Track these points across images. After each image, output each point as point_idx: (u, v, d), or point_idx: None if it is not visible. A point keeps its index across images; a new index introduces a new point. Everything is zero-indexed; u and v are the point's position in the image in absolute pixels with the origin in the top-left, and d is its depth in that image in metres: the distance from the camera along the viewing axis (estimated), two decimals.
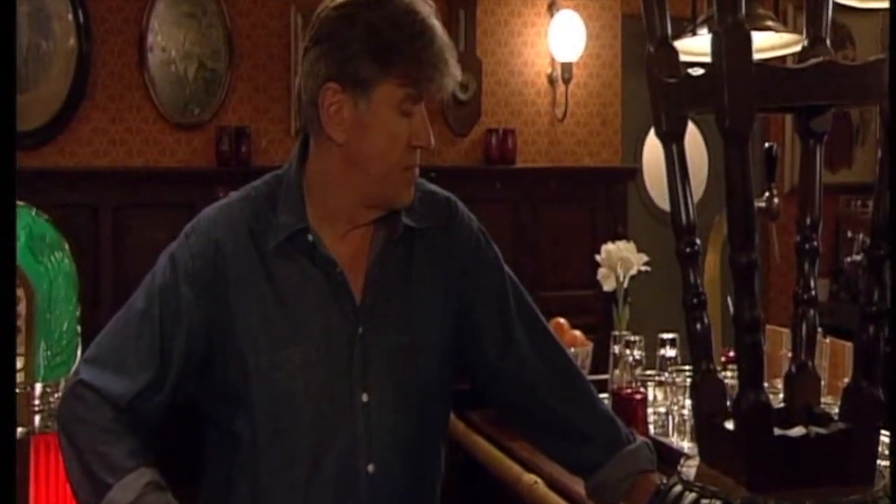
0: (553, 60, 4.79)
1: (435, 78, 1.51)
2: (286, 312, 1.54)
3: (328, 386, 1.54)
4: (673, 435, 2.15)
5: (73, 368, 1.57)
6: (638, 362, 2.36)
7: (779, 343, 2.39)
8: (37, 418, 2.26)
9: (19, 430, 2.21)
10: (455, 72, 1.53)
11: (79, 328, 2.43)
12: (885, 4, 1.30)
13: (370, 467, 1.55)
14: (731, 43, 1.02)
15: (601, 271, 2.65)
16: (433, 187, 1.71)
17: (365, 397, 1.55)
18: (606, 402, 2.36)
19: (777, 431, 1.09)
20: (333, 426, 1.54)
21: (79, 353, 2.42)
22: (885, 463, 1.15)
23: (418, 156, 1.56)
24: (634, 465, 1.62)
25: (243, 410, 1.54)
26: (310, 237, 1.56)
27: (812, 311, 1.21)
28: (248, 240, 1.55)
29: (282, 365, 1.53)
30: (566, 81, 4.76)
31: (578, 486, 1.76)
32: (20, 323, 2.31)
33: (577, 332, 2.55)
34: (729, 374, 2.04)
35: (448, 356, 1.65)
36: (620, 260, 2.63)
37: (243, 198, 1.61)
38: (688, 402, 2.08)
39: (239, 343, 1.52)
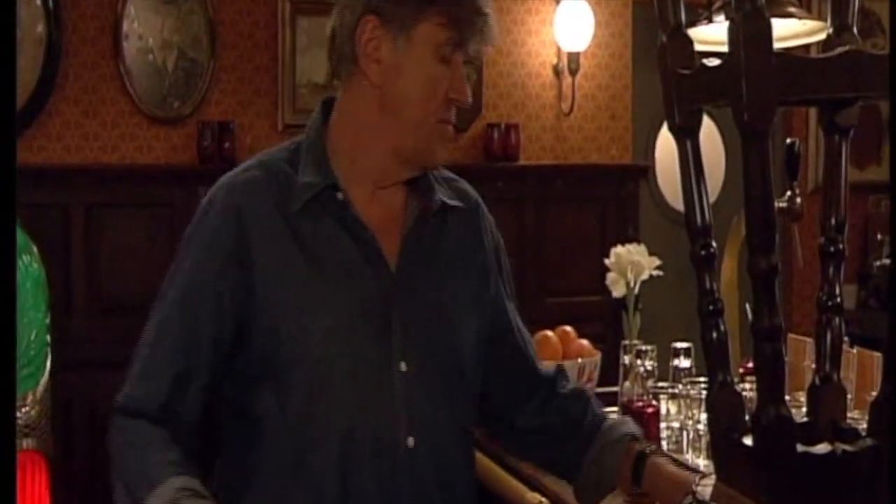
0: (559, 50, 4.79)
1: (476, 23, 1.58)
2: (317, 276, 1.57)
3: (365, 353, 1.58)
4: (687, 451, 2.15)
5: (114, 405, 1.61)
6: (650, 373, 2.35)
7: (802, 353, 2.39)
8: None
9: None
10: (494, 27, 1.60)
11: (48, 338, 2.42)
12: None
13: (410, 440, 1.58)
14: (750, 31, 1.02)
15: (610, 276, 2.66)
16: (461, 180, 1.80)
17: (403, 366, 1.59)
18: (616, 415, 2.37)
19: (800, 448, 1.09)
20: (370, 397, 1.57)
21: (48, 363, 2.42)
22: None
23: (454, 113, 1.62)
24: (625, 427, 1.71)
25: (274, 383, 1.56)
26: (339, 196, 1.60)
27: (837, 319, 1.21)
28: (270, 203, 1.59)
29: (315, 331, 1.55)
30: (573, 73, 4.76)
31: None
32: None
33: (585, 342, 2.55)
34: (747, 386, 2.04)
35: (482, 339, 1.71)
36: (631, 264, 2.63)
37: (260, 163, 1.65)
38: (703, 417, 2.08)
39: (269, 311, 1.55)
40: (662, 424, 2.21)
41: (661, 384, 2.34)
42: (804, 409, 1.23)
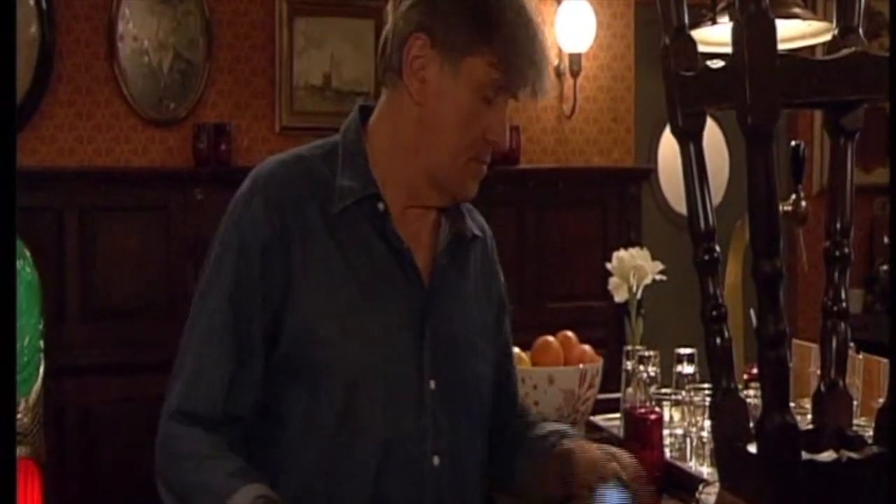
0: (560, 51, 4.79)
1: (526, 71, 1.55)
2: (354, 281, 1.57)
3: (401, 365, 1.58)
4: (691, 459, 2.15)
5: (164, 408, 1.57)
6: (653, 380, 2.35)
7: (807, 359, 2.39)
8: None
9: None
10: (545, 82, 1.58)
11: (41, 343, 2.42)
12: None
13: (435, 459, 1.59)
14: (754, 32, 1.02)
15: (612, 281, 2.65)
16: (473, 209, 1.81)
17: (433, 384, 1.59)
18: (618, 422, 2.37)
19: (805, 456, 1.09)
20: (403, 412, 1.57)
21: (41, 369, 2.42)
22: None
23: (490, 153, 1.62)
24: (552, 426, 1.74)
25: (305, 386, 1.54)
26: (380, 205, 1.60)
27: (843, 325, 1.21)
28: (311, 200, 1.58)
29: (355, 334, 1.55)
30: (574, 74, 4.77)
31: None
32: None
33: (587, 347, 2.55)
34: (752, 392, 2.04)
35: (493, 371, 1.72)
36: (633, 268, 2.62)
37: (299, 157, 1.64)
38: (707, 424, 2.07)
39: (303, 309, 1.54)
40: (665, 431, 2.21)
41: (664, 390, 2.33)
42: (809, 416, 1.23)
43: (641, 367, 2.36)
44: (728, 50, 1.05)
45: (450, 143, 1.58)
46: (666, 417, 2.25)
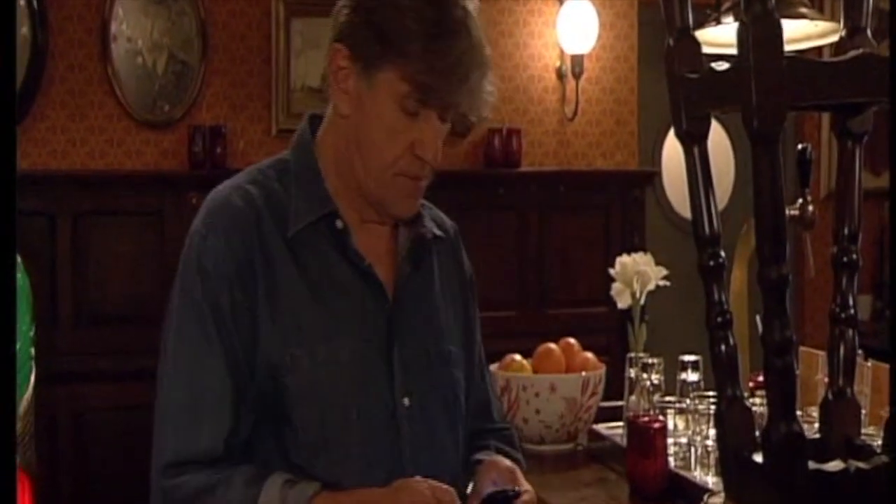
0: (562, 53, 4.80)
1: (443, 92, 1.48)
2: (320, 303, 1.54)
3: (373, 388, 1.56)
4: (695, 468, 2.15)
5: (154, 466, 1.53)
6: (656, 387, 2.35)
7: (814, 367, 2.39)
8: None
9: None
10: (478, 95, 1.50)
11: (33, 351, 2.42)
12: None
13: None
14: (760, 33, 1.02)
15: (615, 286, 2.65)
16: (432, 205, 1.76)
17: (407, 401, 1.58)
18: (621, 430, 2.37)
19: (812, 465, 1.09)
20: (378, 434, 1.55)
21: (32, 377, 2.41)
22: None
23: (424, 169, 1.55)
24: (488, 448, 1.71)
25: (280, 424, 1.52)
26: (339, 223, 1.57)
27: (851, 332, 1.20)
28: (270, 224, 1.55)
29: (324, 362, 1.52)
30: (577, 76, 4.77)
31: None
32: None
33: (589, 354, 2.55)
34: (758, 401, 2.04)
35: (469, 376, 1.71)
36: (637, 274, 2.62)
37: (252, 179, 1.60)
38: (712, 432, 2.07)
39: (270, 341, 1.51)
40: (669, 440, 2.21)
41: (668, 398, 2.33)
42: (816, 425, 1.23)
43: (645, 375, 2.36)
44: (733, 51, 1.05)
45: (375, 158, 1.53)
46: (670, 426, 2.25)
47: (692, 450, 2.17)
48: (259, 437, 1.54)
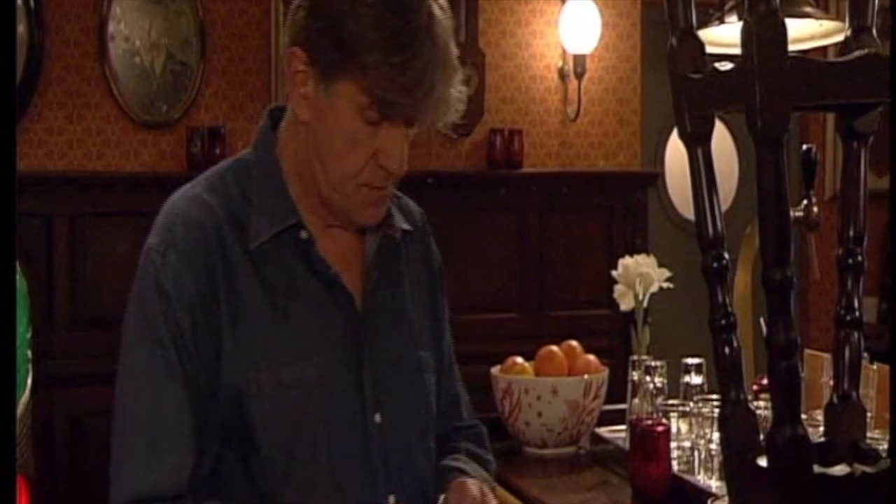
0: (564, 53, 4.80)
1: (406, 105, 1.41)
2: (285, 321, 1.49)
3: (340, 407, 1.50)
4: (699, 472, 2.14)
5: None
6: (659, 390, 2.35)
7: (819, 370, 2.39)
8: None
9: None
10: (444, 104, 1.43)
11: (30, 353, 2.42)
12: None
13: (391, 499, 1.53)
14: (764, 33, 1.02)
15: (618, 288, 2.65)
16: (400, 193, 1.69)
17: (378, 418, 1.53)
18: (624, 434, 2.37)
19: (817, 469, 1.09)
20: (348, 454, 1.50)
21: (29, 381, 2.42)
22: None
23: (386, 179, 1.49)
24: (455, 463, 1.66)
25: (246, 451, 1.47)
26: (303, 234, 1.51)
27: (856, 334, 1.20)
28: (231, 238, 1.48)
29: (290, 384, 1.46)
30: (579, 76, 4.77)
31: None
32: None
33: (591, 357, 2.55)
34: (762, 404, 2.04)
35: (439, 374, 1.67)
36: (639, 276, 2.62)
37: (209, 189, 1.54)
38: (716, 436, 2.07)
39: (235, 363, 1.46)
40: (673, 444, 2.21)
41: (671, 402, 2.33)
42: (821, 429, 1.23)
43: (648, 378, 2.36)
44: (737, 51, 1.05)
45: (336, 168, 1.46)
46: (673, 429, 2.25)
47: (695, 453, 2.17)
48: (224, 465, 1.48)
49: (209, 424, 1.46)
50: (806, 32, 2.08)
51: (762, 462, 1.11)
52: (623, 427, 2.43)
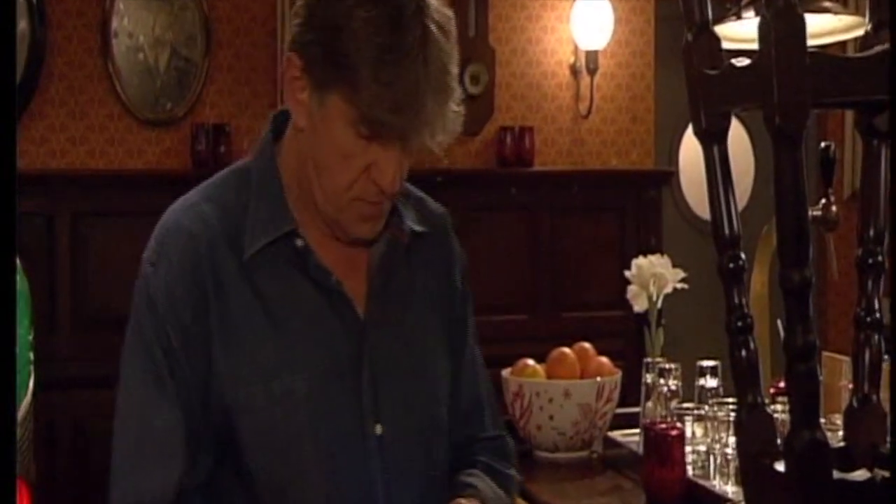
0: (576, 48, 4.80)
1: (394, 125, 1.38)
2: (278, 333, 1.48)
3: (335, 419, 1.49)
4: (714, 477, 2.14)
5: None
6: (674, 394, 2.35)
7: (838, 372, 2.38)
8: None
9: None
10: (436, 124, 1.40)
11: (31, 355, 2.43)
12: None
13: None
14: (782, 28, 1.01)
15: (631, 289, 2.65)
16: (423, 194, 1.68)
17: (379, 429, 1.51)
18: (637, 438, 2.37)
19: (836, 475, 1.08)
20: (344, 468, 1.49)
21: (31, 383, 2.42)
22: None
23: (380, 195, 1.47)
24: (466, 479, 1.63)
25: (237, 467, 1.48)
26: (298, 242, 1.50)
27: (876, 336, 1.20)
28: (224, 247, 1.48)
29: (281, 398, 1.46)
30: (591, 72, 4.77)
31: None
32: None
33: (604, 359, 2.55)
34: (779, 407, 2.04)
35: (456, 381, 1.65)
36: (653, 276, 2.62)
37: (207, 196, 1.54)
38: (731, 440, 2.07)
39: (224, 376, 1.46)
40: (688, 448, 2.20)
41: (685, 405, 2.33)
42: (841, 433, 1.22)
43: (662, 381, 2.36)
44: (754, 47, 1.04)
45: (329, 180, 1.45)
46: (688, 433, 2.24)
47: (711, 458, 2.17)
48: (221, 479, 1.49)
49: (202, 437, 1.48)
50: (825, 27, 2.07)
51: (780, 467, 1.11)
52: (636, 431, 2.42)
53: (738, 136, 5.01)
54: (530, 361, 2.51)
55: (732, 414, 2.00)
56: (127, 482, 1.48)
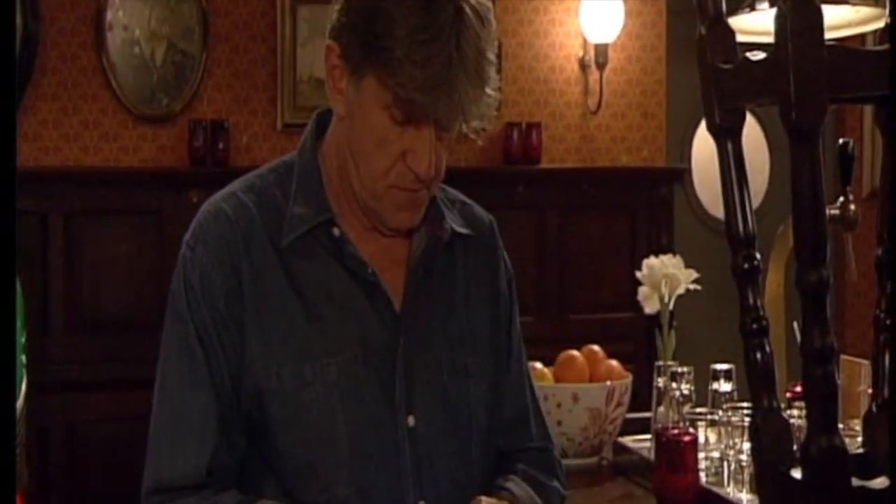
0: (585, 42, 4.80)
1: (427, 106, 1.44)
2: (311, 318, 1.54)
3: (368, 407, 1.54)
4: (729, 484, 2.14)
5: (142, 492, 1.57)
6: (686, 398, 2.35)
7: (856, 377, 2.38)
8: None
9: None
10: (470, 108, 1.45)
11: (24, 358, 2.43)
12: None
13: None
14: (799, 20, 1.01)
15: (642, 290, 2.65)
16: (470, 200, 1.76)
17: (411, 421, 1.56)
18: (648, 444, 2.37)
19: (855, 482, 1.08)
20: (375, 457, 1.54)
21: (23, 387, 2.42)
22: None
23: (416, 182, 1.51)
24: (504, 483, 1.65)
25: (268, 452, 1.54)
26: (335, 231, 1.57)
27: None
28: (262, 235, 1.55)
29: (312, 381, 1.52)
30: (601, 66, 4.77)
31: None
32: None
33: (614, 362, 2.55)
34: (796, 413, 2.04)
35: (495, 387, 1.67)
36: (665, 277, 2.62)
37: (248, 186, 1.61)
38: (746, 446, 2.07)
39: (257, 362, 1.53)
40: (701, 454, 2.20)
41: (698, 410, 2.33)
42: (859, 439, 1.22)
43: (674, 385, 2.36)
44: (769, 40, 1.04)
45: (366, 167, 1.52)
46: (701, 439, 2.24)
47: (725, 465, 2.17)
48: (253, 460, 1.56)
49: (234, 418, 1.54)
50: (843, 19, 2.07)
51: (796, 474, 1.11)
52: (648, 436, 2.42)
53: (752, 133, 5.01)
54: (538, 364, 2.51)
55: (747, 419, 2.00)
56: (162, 462, 1.53)
